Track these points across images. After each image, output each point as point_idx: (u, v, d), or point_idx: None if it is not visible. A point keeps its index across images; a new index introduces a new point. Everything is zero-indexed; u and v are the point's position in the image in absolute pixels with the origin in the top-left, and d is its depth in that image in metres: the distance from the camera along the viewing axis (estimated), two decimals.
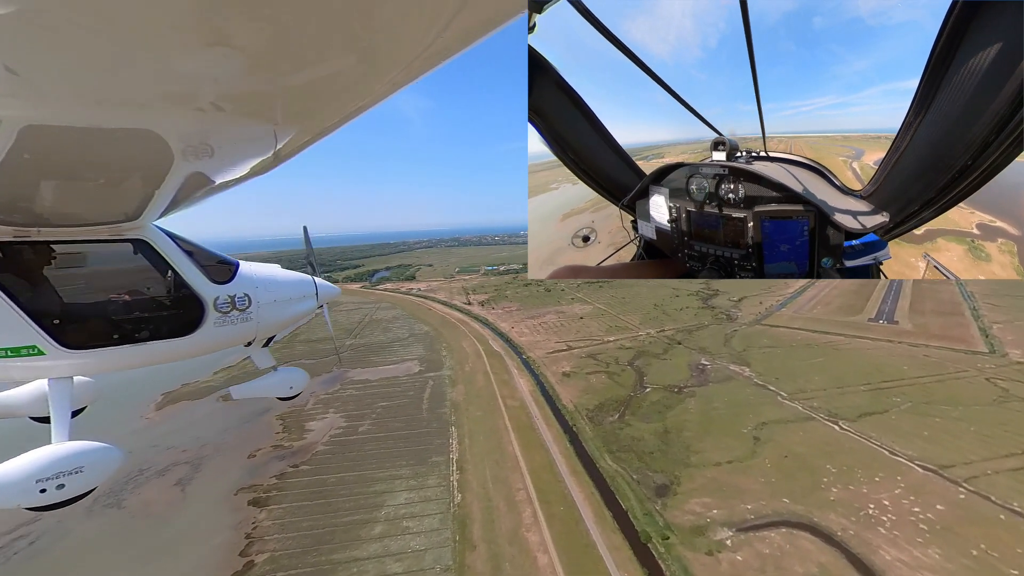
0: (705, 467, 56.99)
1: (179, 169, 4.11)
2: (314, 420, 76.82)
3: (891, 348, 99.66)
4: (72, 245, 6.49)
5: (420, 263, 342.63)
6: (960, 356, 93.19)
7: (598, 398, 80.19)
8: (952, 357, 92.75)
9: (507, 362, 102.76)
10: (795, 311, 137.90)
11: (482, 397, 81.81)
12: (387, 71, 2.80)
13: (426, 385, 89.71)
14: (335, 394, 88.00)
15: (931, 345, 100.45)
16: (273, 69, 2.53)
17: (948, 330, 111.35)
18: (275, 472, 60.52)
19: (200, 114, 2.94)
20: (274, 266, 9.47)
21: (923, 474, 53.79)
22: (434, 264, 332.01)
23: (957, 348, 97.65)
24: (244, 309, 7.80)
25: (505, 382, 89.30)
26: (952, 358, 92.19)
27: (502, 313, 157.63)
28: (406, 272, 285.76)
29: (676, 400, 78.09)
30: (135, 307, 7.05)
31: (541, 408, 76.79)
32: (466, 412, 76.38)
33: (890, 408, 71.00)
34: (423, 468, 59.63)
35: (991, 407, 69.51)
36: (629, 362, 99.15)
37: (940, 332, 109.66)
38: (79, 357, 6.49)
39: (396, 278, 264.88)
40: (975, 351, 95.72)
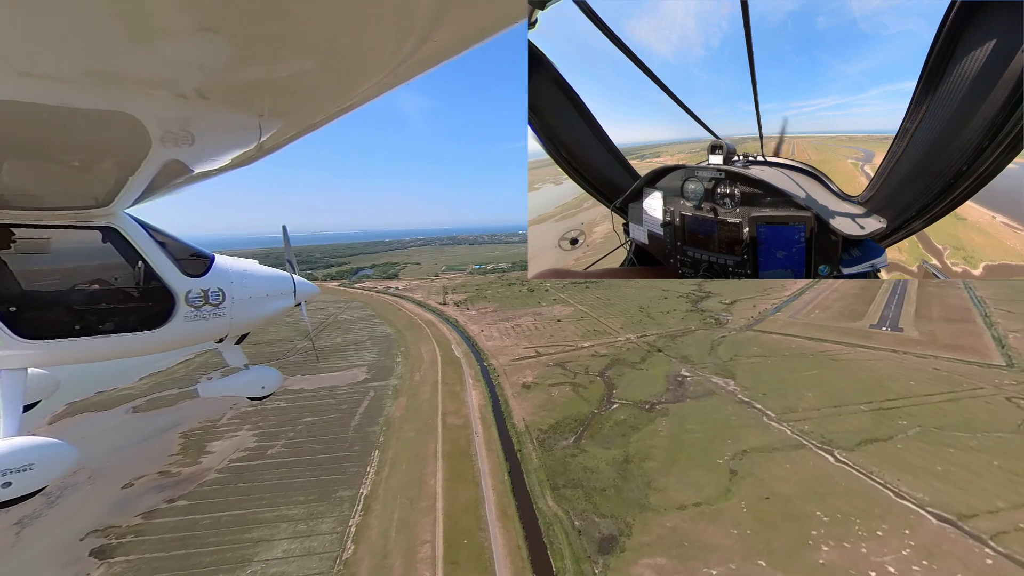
0: (666, 511, 45.95)
1: (156, 156, 3.82)
2: (221, 439, 66.00)
3: (895, 359, 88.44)
4: (35, 230, 5.98)
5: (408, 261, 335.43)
6: (974, 370, 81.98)
7: (556, 416, 69.21)
8: (965, 371, 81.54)
9: (464, 371, 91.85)
10: (791, 316, 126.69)
11: (422, 413, 70.87)
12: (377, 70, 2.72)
13: (365, 397, 78.83)
14: (259, 406, 77.04)
15: (941, 356, 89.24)
16: (261, 59, 2.44)
17: (959, 339, 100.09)
18: (144, 509, 49.65)
19: (182, 100, 2.79)
20: (251, 261, 8.92)
21: (938, 526, 42.69)
22: (422, 262, 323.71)
23: (971, 360, 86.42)
24: (217, 304, 7.36)
25: (455, 395, 78.34)
26: (965, 372, 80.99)
27: (476, 315, 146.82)
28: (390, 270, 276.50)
29: (645, 420, 67.06)
30: (100, 297, 6.64)
31: (487, 428, 65.84)
32: (398, 432, 65.45)
33: (895, 434, 59.88)
34: (322, 506, 48.71)
35: (1017, 436, 58.33)
36: (600, 372, 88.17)
37: (950, 341, 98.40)
38: (35, 348, 6.05)
39: (378, 276, 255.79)
40: (991, 364, 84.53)
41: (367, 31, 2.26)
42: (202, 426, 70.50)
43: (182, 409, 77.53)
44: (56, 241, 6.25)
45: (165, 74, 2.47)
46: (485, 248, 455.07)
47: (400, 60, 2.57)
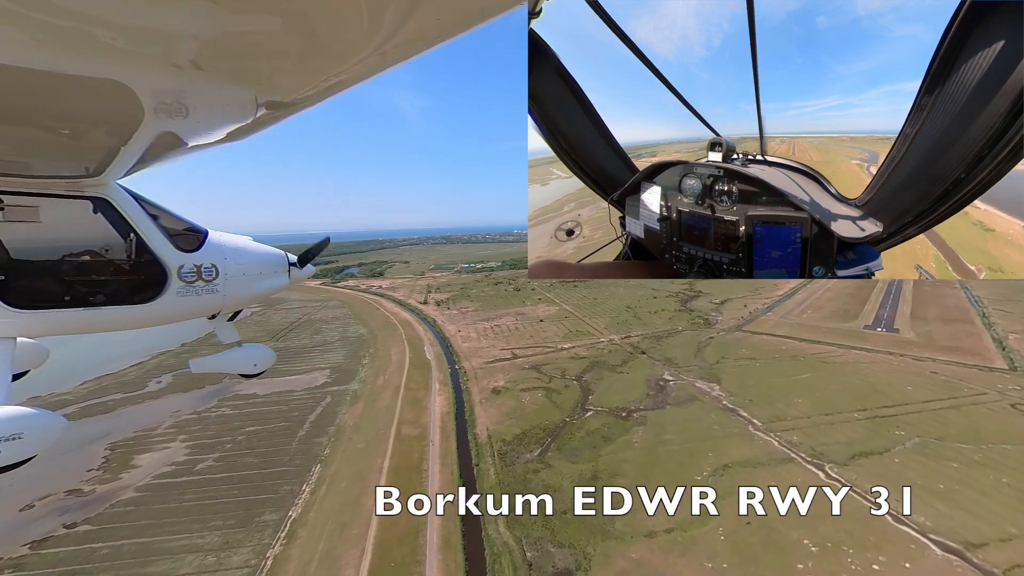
0: (632, 539, 40.09)
1: (149, 127, 3.70)
2: (151, 451, 59.56)
3: (891, 362, 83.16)
4: (25, 197, 5.82)
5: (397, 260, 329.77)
6: (975, 374, 76.82)
7: (523, 424, 63.27)
8: (966, 374, 76.35)
9: (433, 374, 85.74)
10: (782, 316, 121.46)
11: (376, 422, 64.69)
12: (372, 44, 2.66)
13: (320, 403, 72.52)
14: (204, 413, 70.73)
15: (939, 359, 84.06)
16: (258, 30, 2.39)
17: (957, 340, 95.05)
18: (37, 536, 43.23)
19: (177, 71, 2.75)
20: (245, 238, 8.67)
21: (943, 558, 37.08)
22: (411, 261, 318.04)
23: (971, 363, 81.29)
24: (210, 280, 7.21)
25: (416, 401, 72.21)
26: (966, 376, 75.79)
27: (456, 314, 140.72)
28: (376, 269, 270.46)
29: (620, 429, 61.24)
30: (91, 269, 6.51)
31: (445, 439, 59.75)
32: (347, 443, 59.25)
33: (892, 446, 54.35)
34: (241, 533, 42.47)
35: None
36: (578, 376, 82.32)
37: (948, 343, 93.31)
38: (24, 317, 5.94)
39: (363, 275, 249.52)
40: (993, 367, 79.43)
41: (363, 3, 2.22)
42: (135, 436, 64.04)
43: (120, 416, 70.99)
44: (46, 210, 6.03)
45: (159, 43, 2.43)
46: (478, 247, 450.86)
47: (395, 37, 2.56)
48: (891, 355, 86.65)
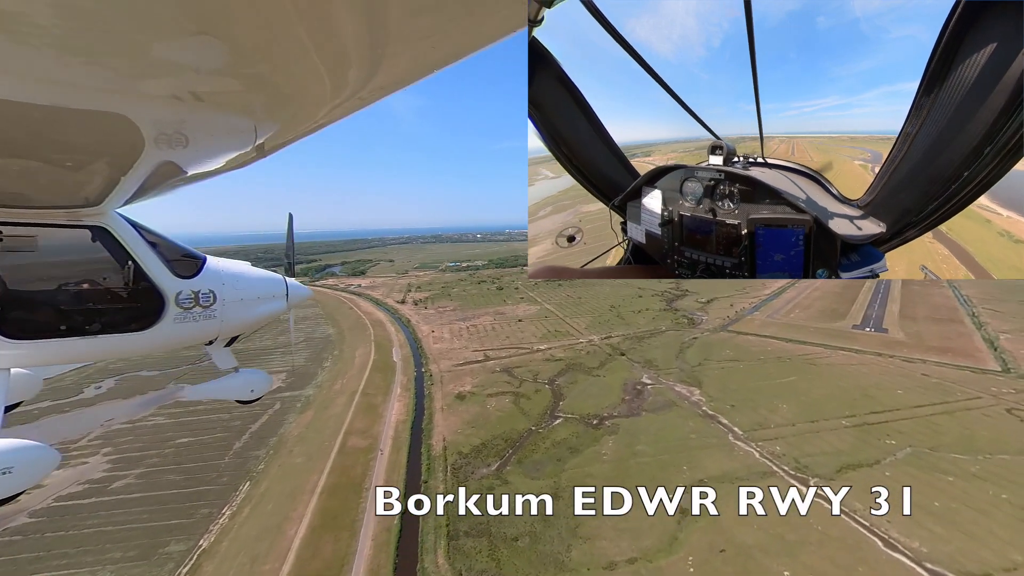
0: (589, 572, 34.84)
1: (149, 157, 3.74)
2: (66, 466, 53.00)
3: (880, 364, 79.11)
4: (23, 228, 5.77)
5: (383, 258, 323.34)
6: (967, 376, 72.95)
7: (485, 434, 57.89)
8: (958, 377, 72.44)
9: (397, 378, 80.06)
10: (769, 315, 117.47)
11: (323, 432, 58.85)
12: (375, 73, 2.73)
13: (268, 411, 66.42)
14: (137, 423, 64.22)
15: (929, 360, 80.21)
16: (258, 63, 2.44)
17: (948, 341, 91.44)
18: None
19: (177, 102, 2.78)
20: (244, 263, 8.81)
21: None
22: (396, 260, 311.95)
23: (962, 365, 77.46)
24: (208, 306, 7.22)
25: (372, 408, 66.46)
26: (958, 378, 71.87)
27: (433, 314, 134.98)
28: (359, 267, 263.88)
29: (590, 439, 56.10)
30: (88, 298, 6.47)
31: (396, 451, 54.15)
32: (286, 457, 53.39)
33: (883, 457, 49.83)
34: (139, 568, 36.57)
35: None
36: (551, 379, 77.15)
37: (939, 343, 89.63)
38: (19, 348, 5.82)
39: (345, 273, 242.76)
40: (985, 369, 75.65)
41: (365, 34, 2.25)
42: None
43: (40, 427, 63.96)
44: (44, 239, 5.97)
45: (161, 76, 2.47)
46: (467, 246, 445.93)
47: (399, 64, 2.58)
48: (880, 356, 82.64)
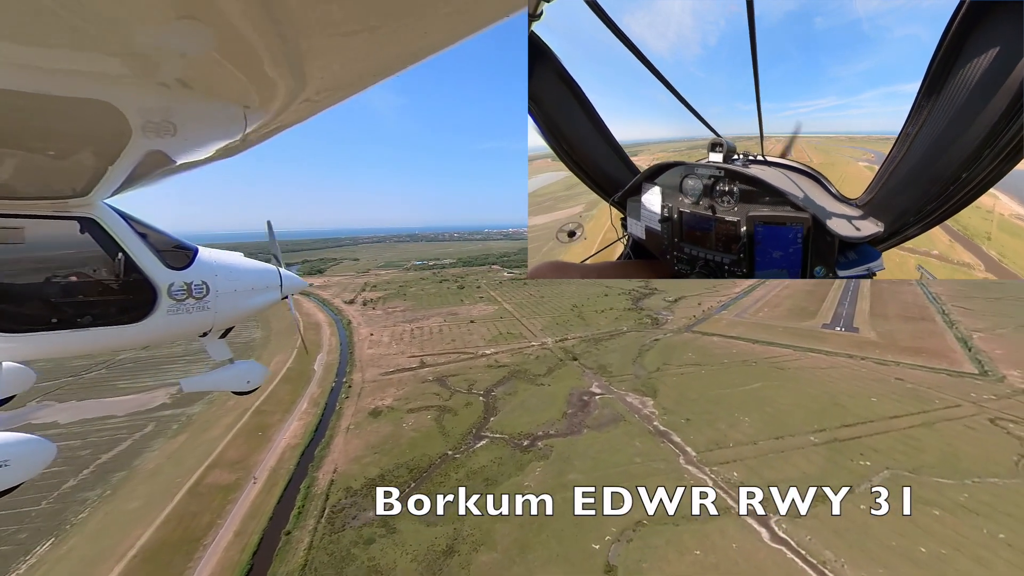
0: None
1: (137, 146, 3.65)
2: None
3: (852, 367, 72.01)
4: (9, 219, 5.62)
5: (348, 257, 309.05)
6: (944, 379, 66.36)
7: (388, 461, 47.24)
8: (934, 381, 65.72)
9: (308, 390, 68.56)
10: (737, 315, 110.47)
11: (183, 465, 47.06)
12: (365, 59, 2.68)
13: (133, 435, 54.10)
14: None
15: (903, 362, 73.64)
16: (247, 48, 2.33)
17: (921, 340, 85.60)
18: None
19: (164, 90, 2.71)
20: (236, 254, 8.56)
21: None
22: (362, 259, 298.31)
23: (938, 368, 70.99)
24: (201, 298, 7.03)
25: (261, 430, 54.91)
26: (934, 382, 65.13)
27: (380, 315, 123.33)
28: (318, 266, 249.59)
29: (513, 467, 46.11)
30: (78, 290, 6.37)
31: (268, 490, 42.88)
32: (122, 500, 41.50)
33: (857, 483, 41.46)
34: None
35: (1019, 481, 41.04)
36: (487, 390, 67.02)
37: (911, 344, 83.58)
38: (10, 341, 5.78)
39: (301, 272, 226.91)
40: (962, 372, 69.34)
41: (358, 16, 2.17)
42: None
43: None
44: (32, 231, 5.87)
45: (147, 62, 2.40)
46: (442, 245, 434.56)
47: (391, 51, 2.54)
48: (851, 358, 75.66)
